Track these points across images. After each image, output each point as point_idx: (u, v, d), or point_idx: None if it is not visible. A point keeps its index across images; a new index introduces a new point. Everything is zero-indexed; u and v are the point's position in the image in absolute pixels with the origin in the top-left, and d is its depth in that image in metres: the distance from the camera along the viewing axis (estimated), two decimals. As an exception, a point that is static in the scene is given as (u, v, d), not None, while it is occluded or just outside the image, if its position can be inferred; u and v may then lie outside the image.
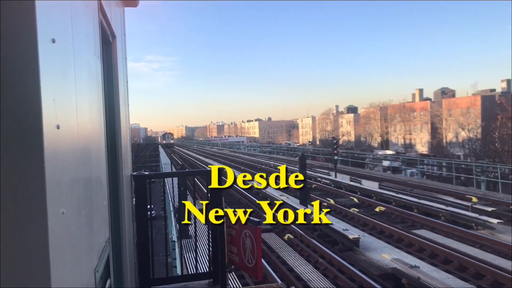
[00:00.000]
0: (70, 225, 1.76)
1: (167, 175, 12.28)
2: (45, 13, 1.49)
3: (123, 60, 4.62)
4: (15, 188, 1.34)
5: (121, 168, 3.82)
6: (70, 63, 1.94)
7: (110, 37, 3.85)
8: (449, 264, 11.44)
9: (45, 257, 1.37)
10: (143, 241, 4.57)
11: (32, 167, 1.36)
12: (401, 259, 11.32)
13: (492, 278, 10.20)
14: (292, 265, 11.56)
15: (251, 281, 10.21)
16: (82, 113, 2.14)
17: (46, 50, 1.46)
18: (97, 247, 2.42)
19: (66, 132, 1.74)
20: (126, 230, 3.84)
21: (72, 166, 1.86)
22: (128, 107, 5.10)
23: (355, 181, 26.10)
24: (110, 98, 3.72)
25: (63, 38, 1.80)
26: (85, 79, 2.33)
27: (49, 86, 1.49)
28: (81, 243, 1.97)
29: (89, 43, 2.55)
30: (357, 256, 12.30)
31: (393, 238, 14.05)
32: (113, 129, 3.74)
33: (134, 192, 4.60)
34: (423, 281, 9.53)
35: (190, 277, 5.18)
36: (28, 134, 1.36)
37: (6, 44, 1.32)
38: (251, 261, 4.32)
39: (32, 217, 1.36)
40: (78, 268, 1.89)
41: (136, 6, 5.49)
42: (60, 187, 1.60)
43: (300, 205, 17.99)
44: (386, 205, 19.24)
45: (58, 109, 1.60)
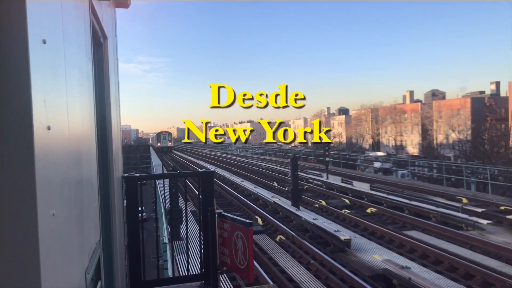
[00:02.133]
0: (61, 226, 1.75)
1: (158, 176, 12.23)
2: (36, 14, 1.48)
3: (114, 61, 4.61)
4: (5, 189, 1.32)
5: (112, 169, 3.80)
6: (61, 64, 1.94)
7: (102, 38, 3.84)
8: (439, 265, 11.52)
9: (35, 258, 1.36)
10: (134, 243, 4.55)
11: (23, 168, 1.35)
12: (392, 260, 11.38)
13: (482, 278, 10.29)
14: (283, 266, 11.57)
15: (243, 283, 10.21)
16: (73, 114, 2.13)
17: (36, 51, 1.46)
18: (87, 249, 2.40)
19: (57, 133, 1.74)
20: (117, 232, 3.82)
21: (62, 167, 1.85)
22: (119, 108, 5.09)
23: (346, 182, 26.20)
24: (101, 99, 3.70)
25: (54, 38, 1.79)
26: (76, 80, 2.32)
27: (40, 87, 1.48)
28: (71, 244, 1.96)
29: (80, 44, 2.54)
30: (348, 257, 12.34)
31: (384, 239, 14.12)
32: (104, 130, 3.72)
33: (125, 193, 4.58)
34: (414, 281, 9.59)
35: (181, 279, 5.16)
36: (18, 135, 1.35)
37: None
38: (242, 263, 4.32)
39: (22, 218, 1.35)
40: (68, 270, 1.87)
41: (127, 7, 5.48)
42: (50, 188, 1.59)
43: (292, 207, 18.02)
44: (378, 206, 19.33)
45: (49, 110, 1.59)
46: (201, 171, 5.12)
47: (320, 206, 20.05)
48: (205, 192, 4.70)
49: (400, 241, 13.59)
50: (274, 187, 26.64)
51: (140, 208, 4.65)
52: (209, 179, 4.81)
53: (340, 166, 38.78)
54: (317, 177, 29.56)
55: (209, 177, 4.83)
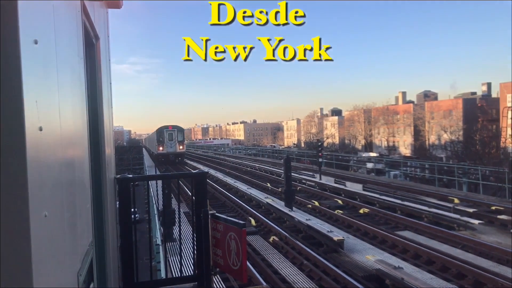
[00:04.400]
0: (53, 228, 1.74)
1: (151, 177, 12.23)
2: (28, 14, 1.48)
3: (106, 62, 4.59)
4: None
5: (104, 170, 3.79)
6: (53, 65, 1.93)
7: (94, 38, 3.83)
8: (432, 265, 11.59)
9: (27, 260, 1.35)
10: (126, 245, 4.53)
11: (15, 169, 1.34)
12: (385, 260, 11.42)
13: (474, 278, 10.37)
14: (277, 267, 11.57)
15: (236, 284, 10.20)
16: (65, 115, 2.12)
17: (28, 51, 1.45)
18: (80, 250, 2.39)
19: (49, 134, 1.73)
20: (109, 234, 3.80)
21: (55, 168, 1.84)
22: (112, 109, 5.07)
23: (339, 183, 26.27)
24: (93, 100, 3.69)
25: (45, 39, 1.78)
26: (68, 80, 2.31)
27: (32, 87, 1.48)
28: (64, 246, 1.95)
29: (72, 44, 2.53)
30: (341, 257, 12.38)
31: (377, 240, 14.18)
32: (97, 131, 3.71)
33: (117, 195, 4.56)
34: (406, 281, 9.64)
35: (174, 280, 5.15)
36: (10, 136, 1.34)
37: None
38: (236, 264, 4.32)
39: (14, 219, 1.34)
40: (60, 272, 1.87)
41: (120, 7, 5.46)
42: (42, 190, 1.58)
43: (285, 207, 18.03)
44: (370, 207, 19.40)
45: (40, 111, 1.58)
46: (194, 172, 5.12)
47: (313, 206, 20.09)
48: (198, 193, 4.70)
49: (392, 242, 13.65)
50: (268, 188, 26.64)
51: (133, 209, 4.63)
52: (202, 180, 4.81)
53: (333, 167, 38.90)
54: (310, 178, 29.62)
55: (202, 178, 4.83)
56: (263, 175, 34.67)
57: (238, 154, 72.79)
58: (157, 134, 47.96)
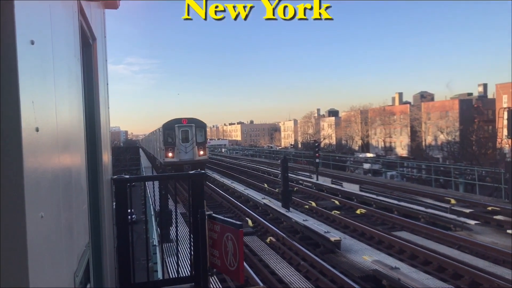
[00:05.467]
0: (49, 229, 1.74)
1: (147, 178, 12.16)
2: (24, 14, 1.47)
3: (103, 62, 4.58)
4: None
5: (101, 171, 3.78)
6: (50, 65, 1.92)
7: (90, 39, 3.82)
8: (428, 265, 11.61)
9: (23, 261, 1.35)
10: (123, 246, 4.53)
11: (11, 170, 1.34)
12: (382, 260, 11.44)
13: (470, 278, 10.39)
14: (274, 268, 11.57)
15: (233, 285, 10.20)
16: (61, 116, 2.12)
17: (25, 51, 1.45)
18: (76, 251, 2.39)
19: (46, 135, 1.72)
20: (106, 234, 3.80)
21: (51, 169, 1.84)
22: (108, 109, 5.06)
23: (336, 183, 26.29)
24: (90, 100, 3.68)
25: (42, 39, 1.78)
26: (64, 81, 2.31)
27: (28, 88, 1.47)
28: (60, 247, 1.94)
29: (69, 45, 2.53)
30: (338, 258, 12.38)
31: (374, 240, 14.19)
32: (93, 132, 3.70)
33: (114, 196, 4.56)
34: (403, 282, 9.66)
35: (171, 281, 5.15)
36: (6, 136, 1.34)
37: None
38: (233, 264, 4.32)
39: (11, 220, 1.33)
40: (57, 272, 1.86)
41: (116, 7, 5.45)
42: (39, 190, 1.58)
43: (282, 208, 18.04)
44: (367, 207, 19.42)
45: (37, 112, 1.58)
46: (191, 173, 5.11)
47: (310, 207, 20.09)
48: (195, 194, 4.70)
49: (389, 242, 13.67)
50: (265, 189, 26.64)
51: (130, 210, 4.62)
52: (199, 181, 4.81)
53: (330, 168, 38.93)
54: (307, 178, 29.64)
55: (200, 179, 4.82)
56: (260, 176, 34.66)
57: (235, 155, 72.75)
58: (164, 132, 30.87)
